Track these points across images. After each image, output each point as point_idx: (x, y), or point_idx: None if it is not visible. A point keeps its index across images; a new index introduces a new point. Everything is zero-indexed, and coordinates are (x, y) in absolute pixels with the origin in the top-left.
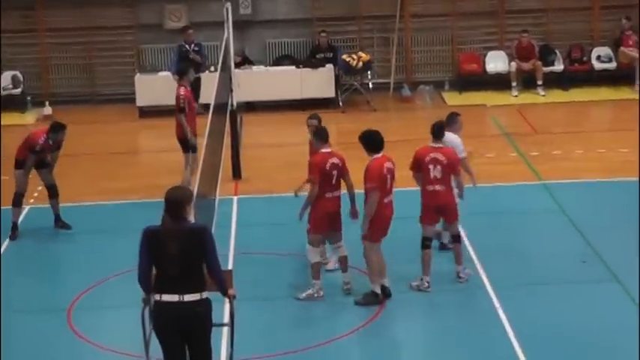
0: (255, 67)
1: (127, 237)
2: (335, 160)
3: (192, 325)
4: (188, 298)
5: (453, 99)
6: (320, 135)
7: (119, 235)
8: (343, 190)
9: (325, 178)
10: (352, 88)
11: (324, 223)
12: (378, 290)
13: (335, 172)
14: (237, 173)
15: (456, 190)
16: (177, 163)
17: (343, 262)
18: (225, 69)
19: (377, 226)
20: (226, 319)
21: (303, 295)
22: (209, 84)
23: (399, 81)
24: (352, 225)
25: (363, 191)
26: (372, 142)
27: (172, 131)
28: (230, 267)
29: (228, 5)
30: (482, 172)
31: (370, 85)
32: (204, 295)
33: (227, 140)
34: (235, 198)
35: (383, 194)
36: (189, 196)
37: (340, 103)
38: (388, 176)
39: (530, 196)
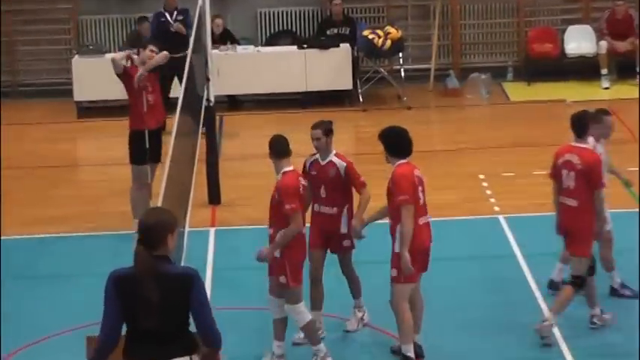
0: (241, 48)
1: (66, 284)
2: (304, 181)
3: None
4: None
5: (519, 92)
6: (277, 148)
7: (55, 282)
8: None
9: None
10: (377, 76)
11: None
12: (412, 354)
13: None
14: (214, 196)
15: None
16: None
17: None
18: (200, 49)
19: (412, 258)
20: None
21: None
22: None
23: (443, 67)
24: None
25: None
26: (399, 142)
27: (125, 136)
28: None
29: None
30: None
31: (402, 73)
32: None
33: (202, 150)
34: (212, 230)
35: (417, 213)
36: (172, 221)
37: (360, 99)
38: (420, 188)
39: (627, 227)
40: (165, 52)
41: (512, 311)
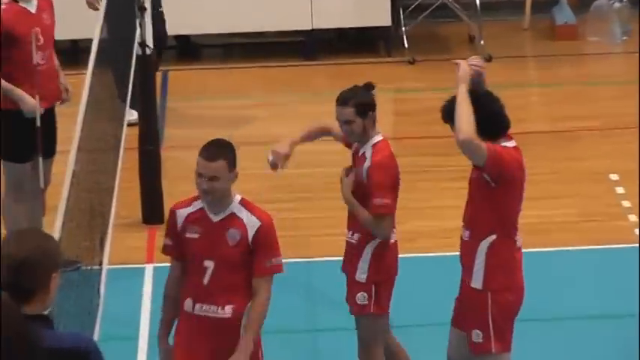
0: None
1: None
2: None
3: None
4: None
5: None
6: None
7: None
8: None
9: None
10: (434, 4)
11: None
12: None
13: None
14: (154, 211)
15: None
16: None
17: None
18: None
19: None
20: None
21: None
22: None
23: None
24: None
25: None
26: (492, 116)
27: None
28: None
29: None
30: None
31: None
32: None
33: (130, 132)
34: (149, 268)
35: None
36: (57, 253)
37: (405, 42)
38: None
39: None
40: None
41: None
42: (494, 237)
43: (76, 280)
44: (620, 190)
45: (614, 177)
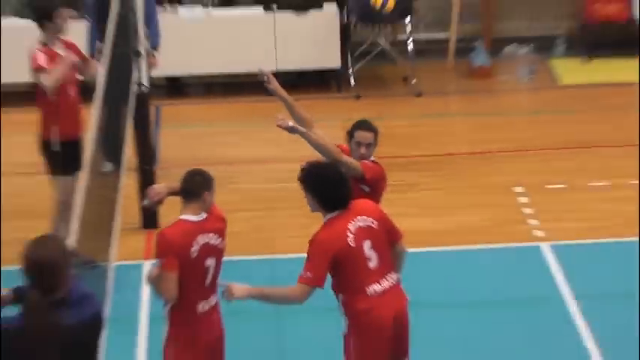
0: (185, 9)
1: None
2: (212, 238)
3: None
4: None
5: (574, 73)
6: (189, 186)
7: None
8: None
9: (192, 272)
10: (376, 50)
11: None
12: None
13: (211, 262)
14: (150, 218)
15: None
16: (30, 195)
17: None
18: (127, 12)
19: (366, 346)
20: None
21: None
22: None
23: (468, 37)
24: None
25: None
26: (330, 190)
27: (24, 134)
28: None
29: None
30: (622, 216)
31: (410, 46)
32: None
33: (131, 154)
34: (147, 265)
35: (364, 282)
36: (64, 253)
37: (352, 81)
38: (368, 243)
39: None
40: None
41: None
42: None
43: (88, 275)
44: (523, 199)
45: (519, 189)
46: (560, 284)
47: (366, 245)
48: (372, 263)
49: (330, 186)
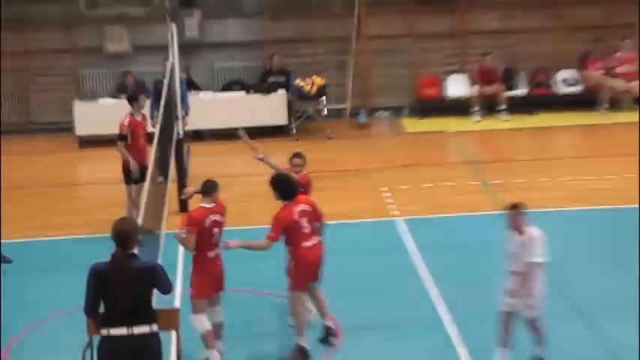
0: (202, 94)
1: (68, 274)
2: (217, 217)
3: (141, 357)
4: (137, 330)
5: (413, 125)
6: (206, 188)
7: (60, 273)
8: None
9: (205, 235)
10: (306, 114)
11: (209, 286)
12: (306, 344)
13: (216, 230)
14: (184, 206)
15: None
16: (118, 195)
17: (218, 329)
18: (171, 96)
19: (300, 273)
20: (173, 357)
21: None
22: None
23: (356, 107)
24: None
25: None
26: (285, 188)
27: (114, 162)
28: (177, 305)
29: (173, 27)
30: (442, 203)
31: (325, 112)
32: (154, 328)
33: (173, 172)
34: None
35: (301, 239)
36: (136, 227)
37: (294, 131)
38: (305, 219)
39: (492, 226)
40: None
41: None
42: None
43: (152, 239)
44: (387, 194)
45: (384, 189)
46: (406, 240)
47: (303, 220)
48: (306, 230)
49: (285, 187)
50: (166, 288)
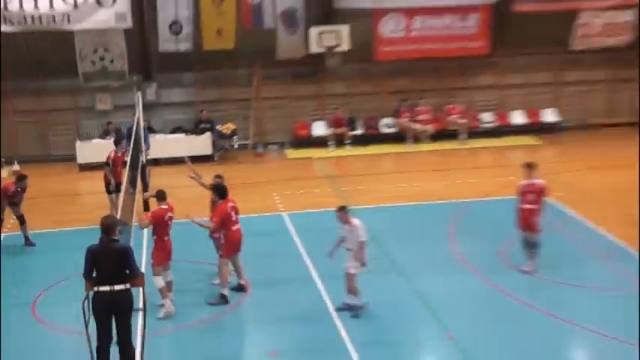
0: (157, 135)
1: (73, 252)
2: (170, 213)
3: (119, 306)
4: (117, 287)
5: (292, 154)
6: (159, 195)
7: (67, 251)
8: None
9: (163, 225)
10: (224, 148)
11: (164, 257)
12: (227, 293)
13: (170, 222)
14: (146, 208)
15: None
16: (105, 201)
17: (170, 285)
18: (138, 137)
19: (229, 247)
20: (141, 305)
21: (161, 314)
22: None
23: (256, 142)
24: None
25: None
26: (221, 192)
27: (102, 181)
28: (143, 270)
29: (139, 94)
30: (311, 203)
31: (236, 146)
32: (128, 285)
33: (140, 185)
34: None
35: (232, 224)
36: (116, 220)
37: (216, 158)
38: (234, 212)
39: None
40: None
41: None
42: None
43: (126, 229)
44: (277, 198)
45: (275, 194)
46: (289, 226)
47: (233, 212)
48: (234, 218)
49: (222, 191)
50: (134, 273)
